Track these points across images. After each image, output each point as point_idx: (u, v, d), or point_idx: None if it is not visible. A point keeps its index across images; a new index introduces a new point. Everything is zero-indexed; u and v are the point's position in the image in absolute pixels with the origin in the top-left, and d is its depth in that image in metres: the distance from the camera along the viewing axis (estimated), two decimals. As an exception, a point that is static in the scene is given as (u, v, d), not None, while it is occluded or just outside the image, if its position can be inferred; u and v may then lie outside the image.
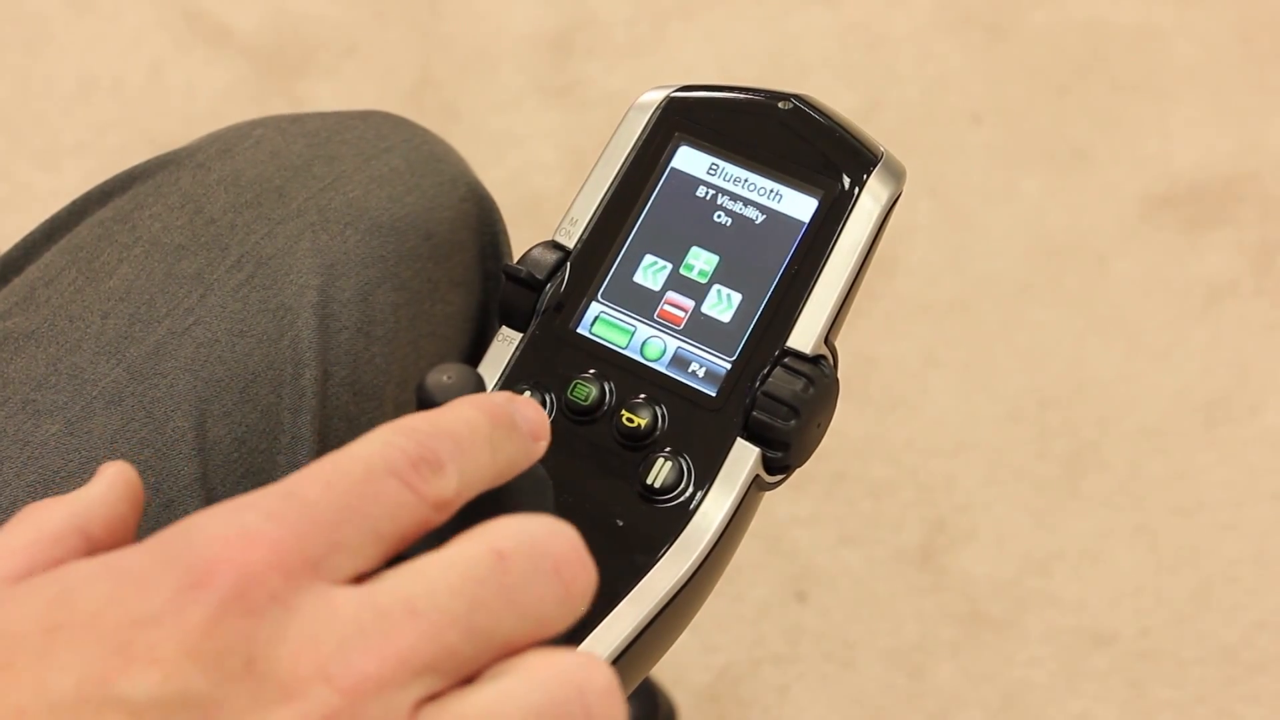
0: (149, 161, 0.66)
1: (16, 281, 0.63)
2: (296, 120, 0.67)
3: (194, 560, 0.31)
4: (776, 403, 0.52)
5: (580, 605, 0.34)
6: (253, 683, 0.30)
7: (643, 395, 0.54)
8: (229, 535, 0.32)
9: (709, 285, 0.55)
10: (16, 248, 0.65)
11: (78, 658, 0.30)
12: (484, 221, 0.68)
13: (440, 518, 0.34)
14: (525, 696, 0.32)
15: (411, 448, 0.34)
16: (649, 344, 0.55)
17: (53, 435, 0.57)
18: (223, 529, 0.32)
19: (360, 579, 0.33)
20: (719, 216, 0.56)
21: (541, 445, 0.38)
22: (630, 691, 0.53)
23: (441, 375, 0.41)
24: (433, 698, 0.32)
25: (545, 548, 0.34)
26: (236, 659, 0.30)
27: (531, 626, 0.33)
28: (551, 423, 0.54)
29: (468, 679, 0.33)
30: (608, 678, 0.33)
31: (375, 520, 0.33)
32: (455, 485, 0.35)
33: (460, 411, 0.36)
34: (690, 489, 0.52)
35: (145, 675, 0.30)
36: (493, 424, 0.36)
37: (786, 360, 0.53)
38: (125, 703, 0.30)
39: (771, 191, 0.55)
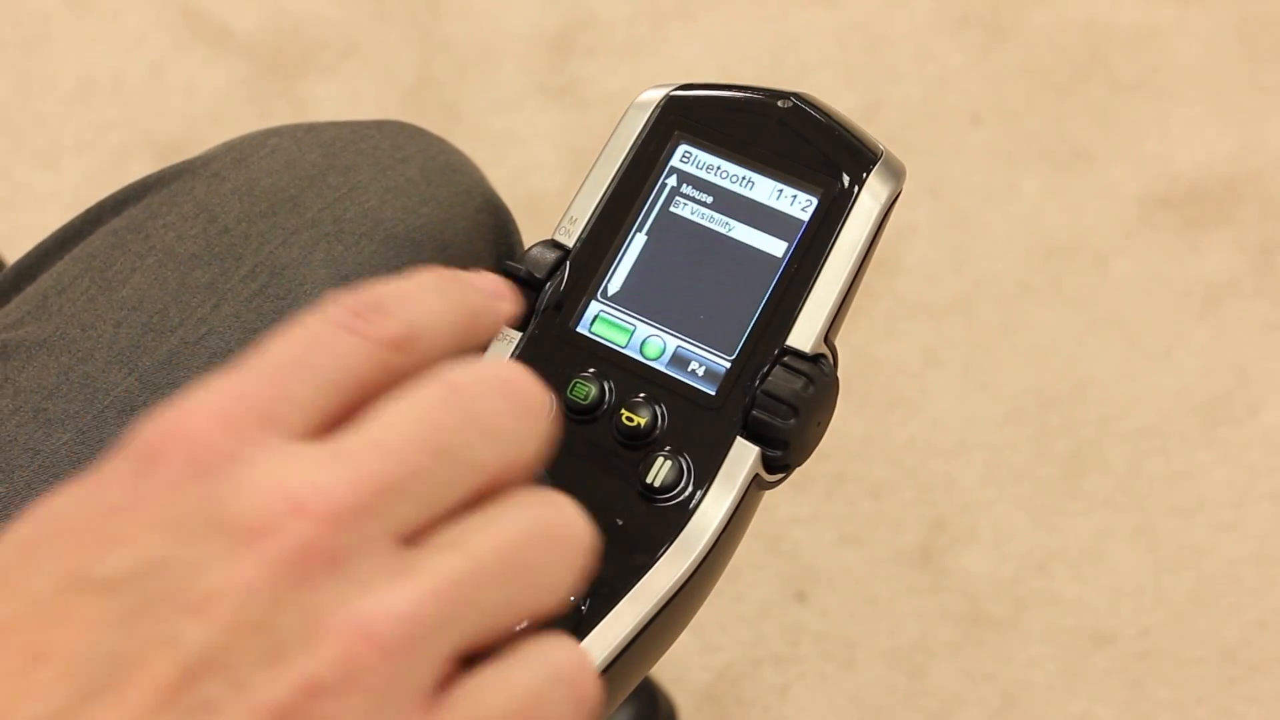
0: (163, 170, 0.66)
1: (29, 290, 0.63)
2: (312, 130, 0.67)
3: (144, 445, 0.32)
4: (776, 401, 0.52)
5: (539, 421, 0.34)
6: (220, 535, 0.31)
7: (642, 394, 0.54)
8: (174, 414, 0.32)
9: (709, 284, 0.55)
10: (29, 255, 0.65)
11: (52, 561, 0.31)
12: (500, 233, 0.68)
13: (400, 359, 0.34)
14: (515, 523, 0.33)
15: (351, 300, 0.34)
16: (648, 343, 0.55)
17: (64, 444, 0.57)
18: (168, 411, 0.32)
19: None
20: (718, 215, 0.56)
21: (505, 304, 0.38)
22: (630, 691, 0.53)
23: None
24: (413, 538, 0.32)
25: (495, 373, 0.34)
26: (199, 518, 0.31)
27: (497, 446, 0.33)
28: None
29: (449, 518, 0.33)
30: (574, 508, 0.34)
31: (325, 370, 0.33)
32: (405, 323, 0.34)
33: (405, 275, 0.36)
34: (690, 488, 0.52)
35: (114, 555, 0.30)
36: (439, 278, 0.36)
37: (786, 359, 0.53)
38: (99, 583, 0.30)
39: (771, 190, 0.55)
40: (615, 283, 0.55)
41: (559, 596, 0.34)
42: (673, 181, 0.56)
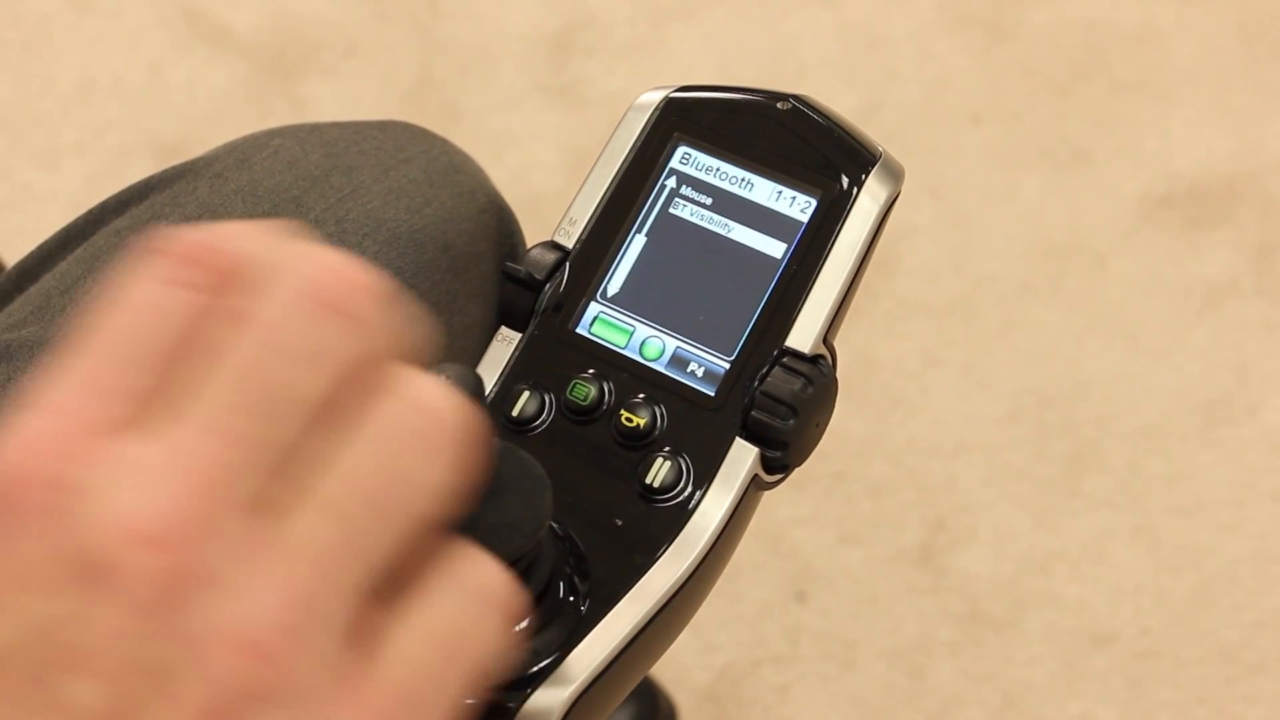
0: (166, 171, 0.66)
1: (31, 290, 0.63)
2: (315, 130, 0.67)
3: None
4: (775, 402, 0.52)
5: (364, 314, 0.31)
6: (81, 581, 0.29)
7: (642, 395, 0.54)
8: (8, 454, 0.30)
9: (708, 285, 0.55)
10: (32, 256, 0.65)
11: None
12: (503, 233, 0.68)
13: (226, 304, 0.31)
14: (371, 441, 0.31)
15: (176, 247, 0.31)
16: (648, 344, 0.55)
17: None
18: (2, 450, 0.30)
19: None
20: (718, 216, 0.56)
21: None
22: (630, 691, 0.53)
23: (439, 375, 0.41)
24: (272, 498, 0.30)
25: (295, 293, 0.31)
26: (58, 568, 0.29)
27: (326, 367, 0.31)
28: (551, 423, 0.54)
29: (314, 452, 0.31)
30: (430, 381, 0.31)
31: (155, 344, 0.30)
32: (231, 261, 0.31)
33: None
34: (689, 488, 0.52)
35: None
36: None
37: (785, 360, 0.53)
38: None
39: (770, 191, 0.56)
40: (615, 284, 0.56)
41: (445, 494, 0.31)
42: (672, 183, 0.56)
